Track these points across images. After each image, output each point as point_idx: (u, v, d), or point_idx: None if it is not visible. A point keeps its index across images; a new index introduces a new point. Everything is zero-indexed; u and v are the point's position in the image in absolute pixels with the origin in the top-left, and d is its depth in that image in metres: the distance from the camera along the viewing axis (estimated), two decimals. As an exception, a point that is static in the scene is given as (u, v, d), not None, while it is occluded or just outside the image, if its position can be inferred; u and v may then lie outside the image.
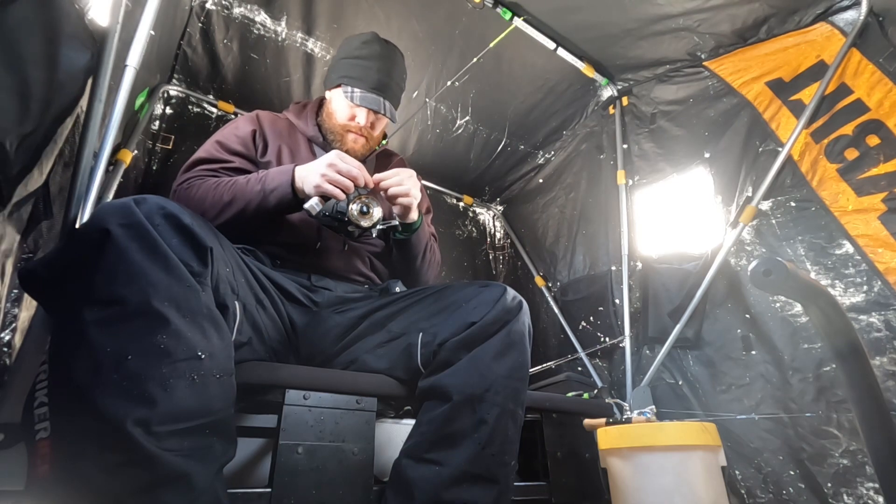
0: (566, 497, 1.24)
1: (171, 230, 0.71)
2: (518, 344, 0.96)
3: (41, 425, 0.62)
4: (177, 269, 0.68)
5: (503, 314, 0.96)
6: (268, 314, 1.00)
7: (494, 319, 0.95)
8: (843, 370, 0.65)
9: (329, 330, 1.09)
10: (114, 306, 0.62)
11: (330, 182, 1.01)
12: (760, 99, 1.85)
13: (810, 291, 0.63)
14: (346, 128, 1.31)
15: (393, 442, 0.98)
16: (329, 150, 1.24)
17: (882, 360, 1.39)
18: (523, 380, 0.97)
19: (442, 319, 0.98)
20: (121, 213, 0.68)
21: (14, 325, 0.89)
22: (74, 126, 0.91)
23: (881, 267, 1.44)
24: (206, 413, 0.66)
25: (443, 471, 0.83)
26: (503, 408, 0.90)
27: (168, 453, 0.60)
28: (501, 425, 0.89)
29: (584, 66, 2.21)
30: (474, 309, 0.96)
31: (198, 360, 0.66)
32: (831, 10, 1.72)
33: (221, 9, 1.85)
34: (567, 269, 2.46)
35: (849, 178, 1.56)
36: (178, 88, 2.07)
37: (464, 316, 0.96)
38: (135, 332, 0.62)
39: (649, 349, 1.97)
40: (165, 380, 0.62)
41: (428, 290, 1.10)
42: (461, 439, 0.86)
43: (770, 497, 1.53)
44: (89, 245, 0.66)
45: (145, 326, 0.63)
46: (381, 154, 1.51)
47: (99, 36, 0.91)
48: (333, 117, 1.33)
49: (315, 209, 1.00)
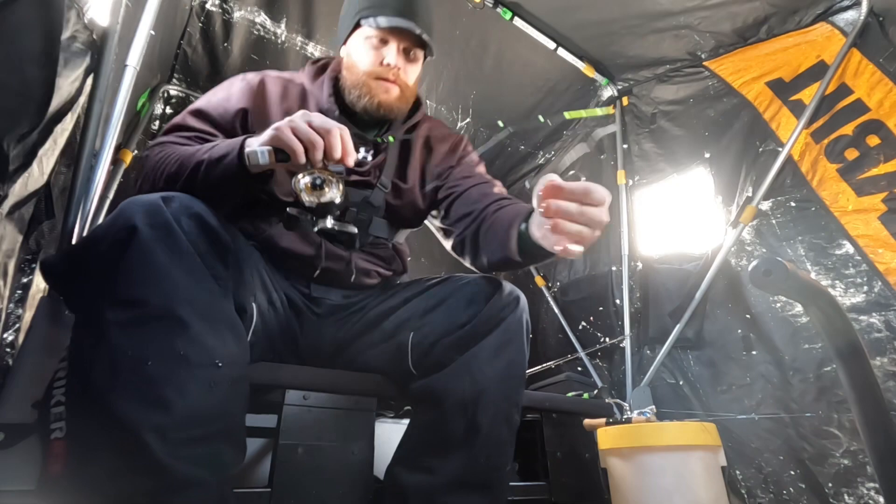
0: (566, 497, 1.24)
1: (198, 232, 0.69)
2: (514, 342, 0.90)
3: (57, 424, 0.62)
4: (200, 274, 0.67)
5: (498, 311, 0.89)
6: (276, 314, 0.96)
7: (488, 318, 0.89)
8: (844, 370, 0.65)
9: (328, 330, 1.06)
10: (136, 308, 0.62)
11: (293, 130, 0.74)
12: (761, 99, 1.85)
13: (810, 292, 0.63)
14: (373, 74, 1.02)
15: (393, 442, 0.98)
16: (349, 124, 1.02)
17: (882, 360, 1.39)
18: (519, 379, 0.93)
19: (434, 318, 0.93)
20: (149, 211, 0.67)
21: (18, 325, 0.89)
22: (76, 126, 0.91)
23: (881, 267, 1.44)
24: (220, 419, 0.65)
25: (435, 479, 0.82)
26: (497, 412, 0.86)
27: (181, 462, 0.59)
28: (495, 431, 0.86)
29: (584, 65, 2.21)
30: (467, 306, 0.91)
31: (215, 367, 0.65)
32: (831, 10, 1.72)
33: (223, 11, 1.85)
34: (567, 268, 2.46)
35: (849, 179, 1.56)
36: (179, 88, 2.07)
37: (456, 314, 0.90)
38: (156, 336, 0.62)
39: (649, 349, 1.97)
40: (183, 386, 0.61)
41: (424, 284, 1.03)
42: (453, 447, 0.84)
43: (770, 497, 1.53)
44: (114, 242, 0.65)
45: (166, 331, 0.62)
46: (426, 121, 1.19)
47: (99, 36, 0.91)
48: (355, 68, 1.04)
49: (259, 159, 0.75)
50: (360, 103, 1.04)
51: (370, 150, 1.05)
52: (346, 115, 1.06)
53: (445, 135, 1.19)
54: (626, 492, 1.21)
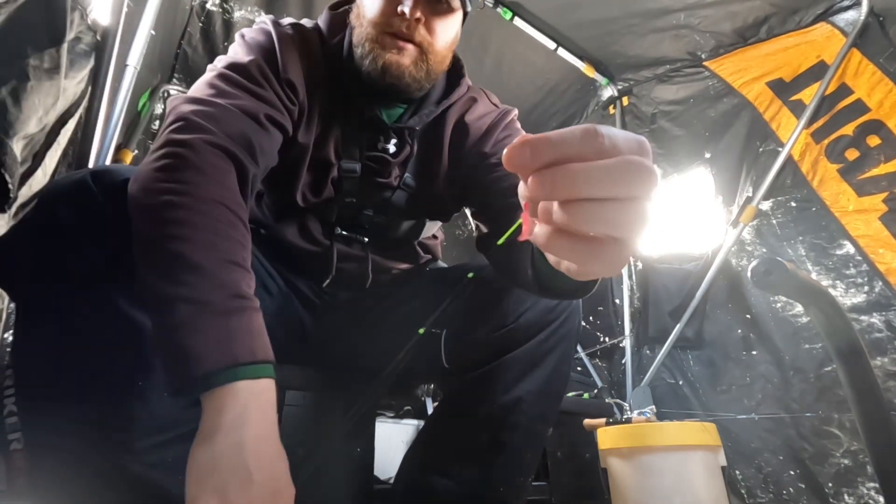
0: (566, 497, 1.24)
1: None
2: (556, 350, 0.78)
3: (14, 436, 0.55)
4: None
5: (543, 315, 0.77)
6: (274, 302, 0.84)
7: (531, 323, 0.76)
8: (844, 370, 0.65)
9: (343, 322, 0.93)
10: (78, 310, 0.51)
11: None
12: (761, 99, 1.85)
13: (810, 292, 0.64)
14: (382, 25, 0.74)
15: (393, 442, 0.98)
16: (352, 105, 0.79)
17: (883, 360, 1.39)
18: (558, 395, 0.82)
19: (472, 314, 0.80)
20: (75, 192, 0.53)
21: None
22: (77, 126, 0.91)
23: (882, 267, 1.44)
24: (192, 419, 0.54)
25: (452, 486, 0.77)
26: (528, 430, 0.77)
27: (151, 470, 0.53)
28: (522, 448, 0.78)
29: (584, 66, 2.21)
30: (509, 305, 0.77)
31: None
32: (832, 10, 1.72)
33: (223, 11, 1.85)
34: (567, 269, 2.46)
35: (849, 179, 1.56)
36: (179, 88, 2.06)
37: (496, 313, 0.77)
38: (107, 341, 0.52)
39: (649, 349, 1.97)
40: (144, 392, 0.53)
41: (456, 272, 0.88)
42: (475, 459, 0.77)
43: (770, 497, 1.53)
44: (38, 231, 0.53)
45: (117, 333, 0.53)
46: (467, 92, 0.89)
47: (101, 36, 0.91)
48: (363, 20, 0.76)
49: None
50: (364, 67, 0.76)
51: (393, 141, 0.82)
52: (364, 87, 0.78)
53: (482, 112, 0.89)
54: (626, 492, 1.21)
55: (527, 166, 0.29)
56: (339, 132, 0.80)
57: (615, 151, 0.28)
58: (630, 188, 0.28)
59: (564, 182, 0.28)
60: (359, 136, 0.81)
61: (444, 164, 0.86)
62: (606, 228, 0.29)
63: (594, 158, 0.28)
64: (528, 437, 0.77)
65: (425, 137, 0.85)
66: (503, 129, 0.86)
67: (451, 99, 0.85)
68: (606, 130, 0.28)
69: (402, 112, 0.84)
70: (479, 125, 0.87)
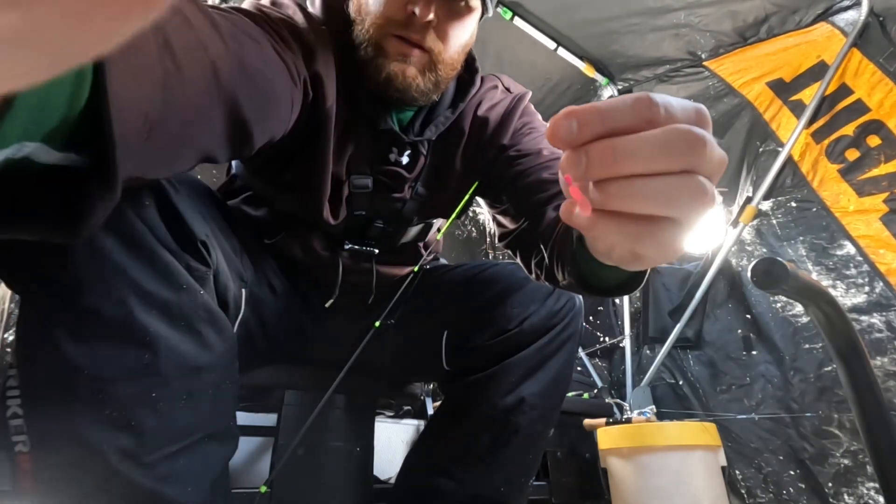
0: (566, 497, 1.24)
1: (159, 216, 0.53)
2: (559, 354, 0.78)
3: (19, 438, 0.54)
4: (168, 268, 0.53)
5: (547, 319, 0.77)
6: (278, 301, 0.82)
7: (535, 328, 0.76)
8: (844, 370, 0.65)
9: (344, 322, 0.92)
10: (88, 317, 0.49)
11: None
12: (761, 99, 1.85)
13: (811, 292, 0.63)
14: (388, 27, 0.65)
15: (393, 442, 0.98)
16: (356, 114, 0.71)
17: (883, 360, 1.39)
18: (560, 397, 0.82)
19: (474, 317, 0.80)
20: None
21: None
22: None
23: (882, 268, 1.44)
24: (202, 428, 0.56)
25: (454, 487, 0.77)
26: (529, 432, 0.77)
27: (162, 482, 0.52)
28: (523, 450, 0.78)
29: (584, 65, 2.21)
30: (513, 310, 0.77)
31: (194, 375, 0.55)
32: (832, 10, 1.72)
33: (222, 8, 1.85)
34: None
35: (850, 179, 1.56)
36: (179, 88, 2.07)
37: (499, 318, 0.77)
38: (116, 349, 0.50)
39: (649, 349, 1.97)
40: (155, 403, 0.52)
41: (458, 274, 0.86)
42: (477, 460, 0.77)
43: (770, 497, 1.53)
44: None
45: (129, 343, 0.51)
46: (481, 94, 0.83)
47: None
48: (366, 17, 0.67)
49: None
50: (367, 74, 0.67)
51: (407, 152, 0.77)
52: (371, 94, 0.70)
53: (496, 101, 0.83)
54: (626, 492, 1.21)
55: (573, 140, 0.26)
56: (353, 144, 0.73)
57: (671, 121, 0.26)
58: (690, 161, 0.25)
59: (616, 156, 0.25)
60: (371, 148, 0.74)
61: (457, 168, 0.81)
62: (662, 207, 0.26)
63: (646, 129, 0.25)
64: (530, 438, 0.78)
65: (439, 144, 0.80)
66: (519, 116, 0.83)
67: (466, 100, 0.80)
68: (661, 99, 0.26)
69: (412, 114, 0.77)
70: (493, 115, 0.82)
